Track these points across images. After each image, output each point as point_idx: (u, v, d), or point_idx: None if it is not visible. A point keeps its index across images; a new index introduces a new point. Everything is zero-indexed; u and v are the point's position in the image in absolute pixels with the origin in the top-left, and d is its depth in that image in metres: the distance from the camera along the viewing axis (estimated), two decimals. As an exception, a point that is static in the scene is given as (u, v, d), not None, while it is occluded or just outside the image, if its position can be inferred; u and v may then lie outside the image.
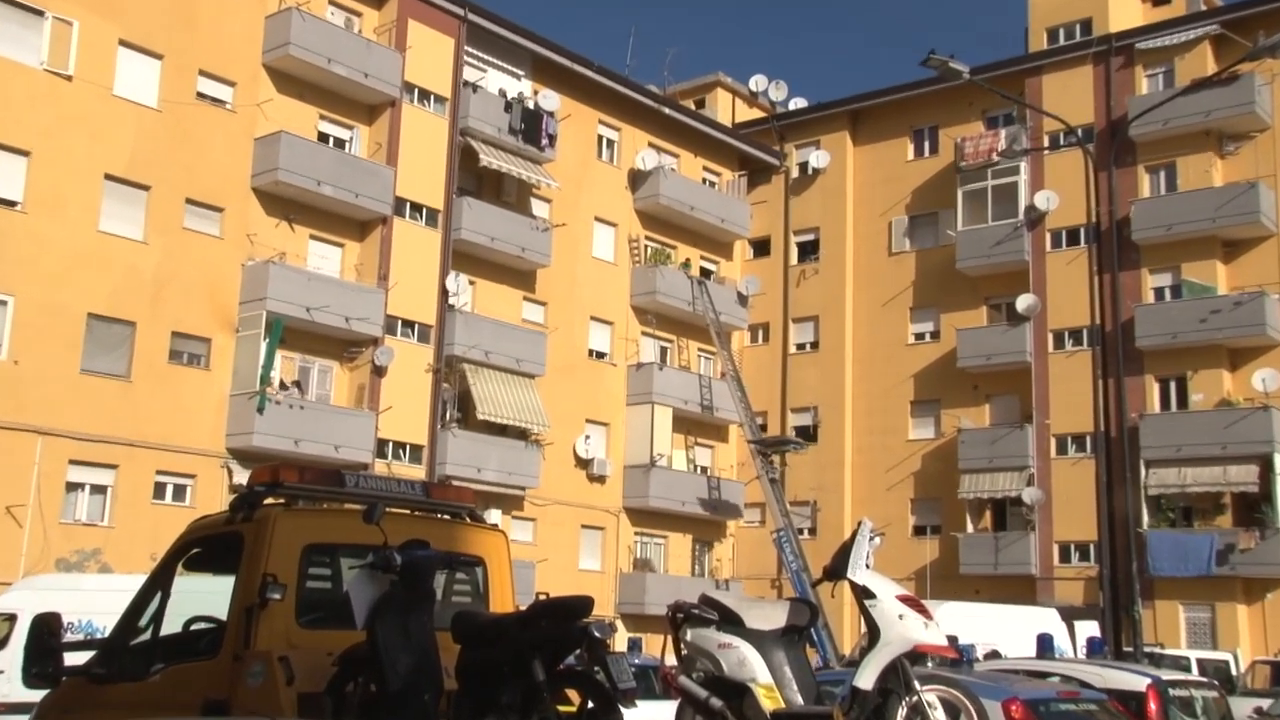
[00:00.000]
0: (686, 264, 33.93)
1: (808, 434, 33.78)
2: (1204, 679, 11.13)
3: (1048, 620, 20.46)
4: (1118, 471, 24.77)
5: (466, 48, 27.98)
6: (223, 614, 5.99)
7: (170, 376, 22.66)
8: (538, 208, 30.32)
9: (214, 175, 23.64)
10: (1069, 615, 22.56)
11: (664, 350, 33.27)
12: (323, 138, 26.13)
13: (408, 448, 26.27)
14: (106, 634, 7.00)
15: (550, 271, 29.88)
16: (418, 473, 25.42)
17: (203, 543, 6.40)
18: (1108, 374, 17.41)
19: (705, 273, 34.89)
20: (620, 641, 22.46)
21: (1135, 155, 29.25)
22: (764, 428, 32.72)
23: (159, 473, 22.19)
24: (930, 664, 8.74)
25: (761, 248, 36.54)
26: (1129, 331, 28.26)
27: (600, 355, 31.63)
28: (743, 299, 34.67)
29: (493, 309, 28.53)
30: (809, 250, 35.42)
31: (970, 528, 30.36)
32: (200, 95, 23.70)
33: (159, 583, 6.46)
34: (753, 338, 35.99)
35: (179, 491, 22.34)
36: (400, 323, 26.57)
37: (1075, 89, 30.05)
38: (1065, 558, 28.52)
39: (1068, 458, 29.03)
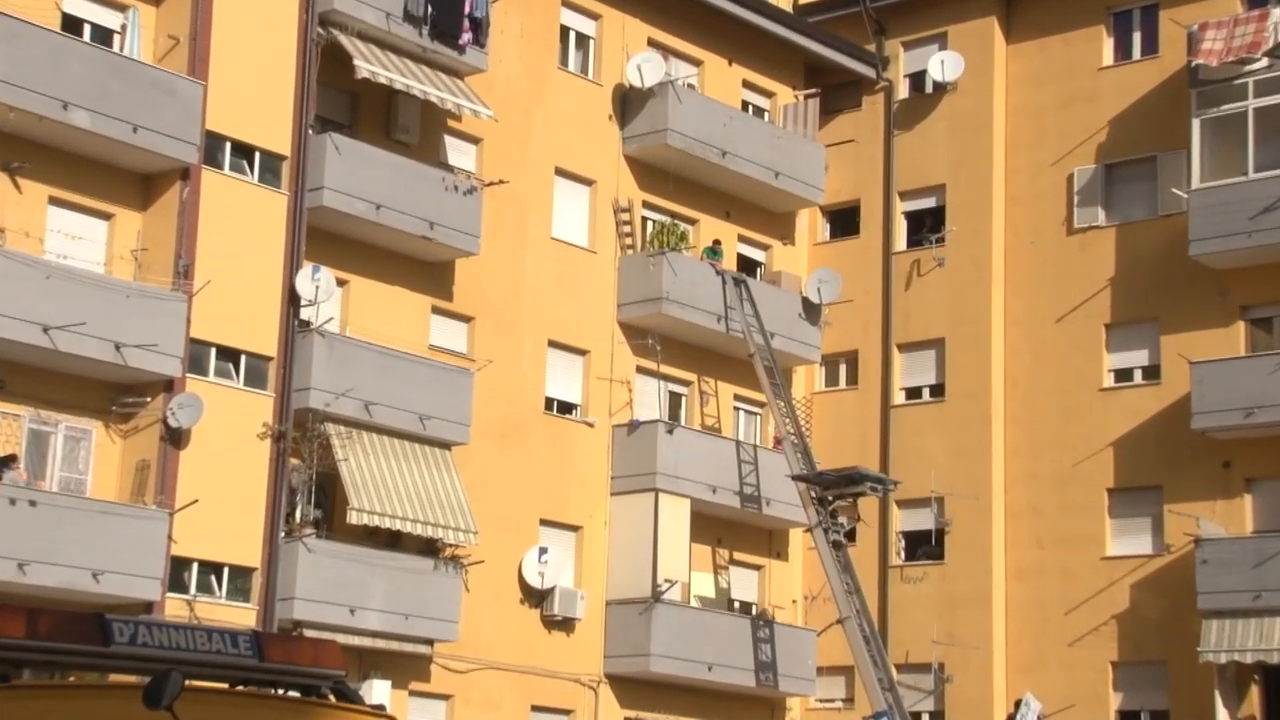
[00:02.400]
0: (715, 250, 33.53)
1: (930, 543, 33.30)
2: None
3: None
4: None
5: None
6: None
7: None
8: (457, 154, 29.72)
9: None
10: None
11: (676, 400, 32.91)
12: (72, 25, 25.50)
13: (226, 571, 25.74)
14: None
15: (480, 264, 29.17)
16: (245, 617, 24.66)
17: None
18: None
19: (748, 266, 34.98)
20: None
21: None
22: (849, 535, 32.20)
23: None
24: None
25: (845, 221, 36.22)
26: None
27: (566, 409, 31.14)
28: (812, 310, 34.26)
29: (379, 329, 27.82)
30: (927, 224, 35.00)
31: (1224, 717, 28.89)
32: None
33: None
34: (830, 376, 35.69)
35: None
36: (215, 351, 25.94)
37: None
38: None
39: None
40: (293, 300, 26.50)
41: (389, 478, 26.71)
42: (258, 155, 26.76)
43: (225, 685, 6.73)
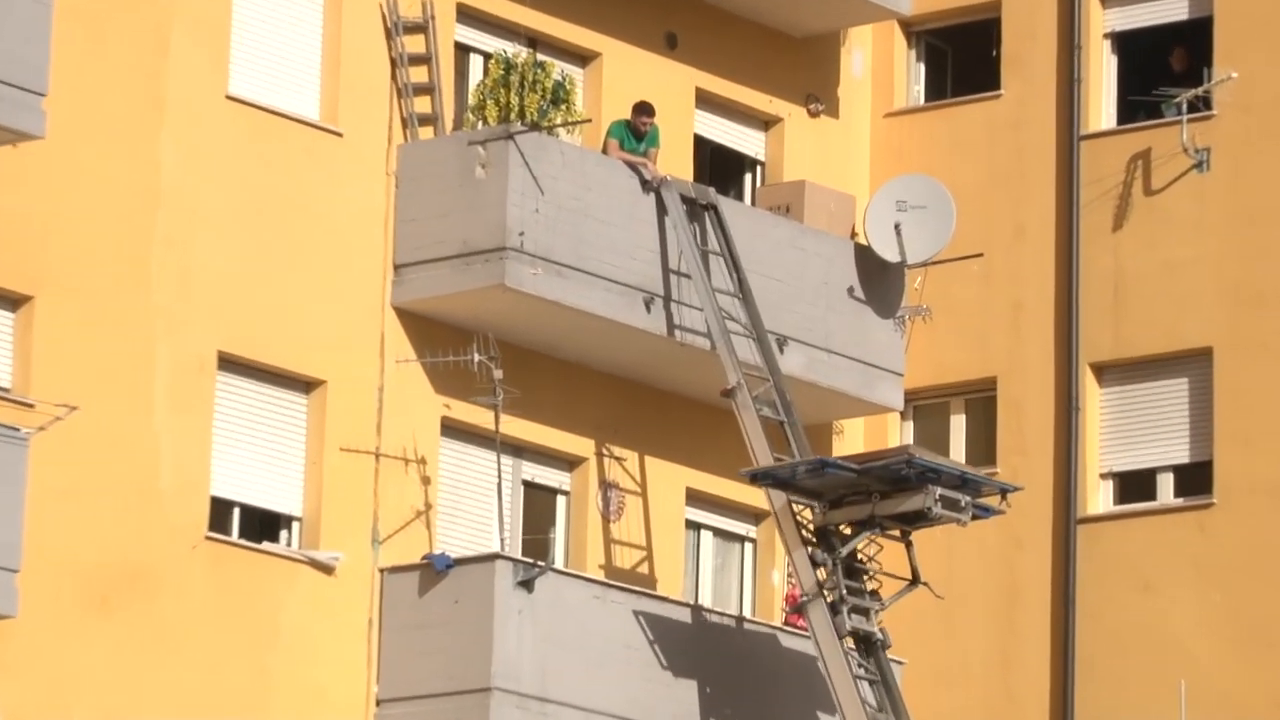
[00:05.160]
0: (638, 130, 23.22)
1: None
2: None
3: None
4: None
5: None
6: None
7: None
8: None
9: None
10: None
11: (543, 500, 23.54)
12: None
13: None
14: None
15: (47, 165, 19.86)
16: None
17: None
18: None
19: (727, 169, 25.88)
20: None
21: None
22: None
23: None
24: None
25: (967, 59, 27.24)
26: None
27: (269, 526, 21.37)
28: (882, 277, 24.74)
29: None
30: (1179, 65, 25.59)
31: None
32: None
33: None
34: (923, 430, 26.72)
35: None
36: None
37: None
38: None
39: None
40: None
41: None
42: None
43: None
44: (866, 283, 23.58)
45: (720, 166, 24.48)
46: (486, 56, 22.17)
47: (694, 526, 23.20)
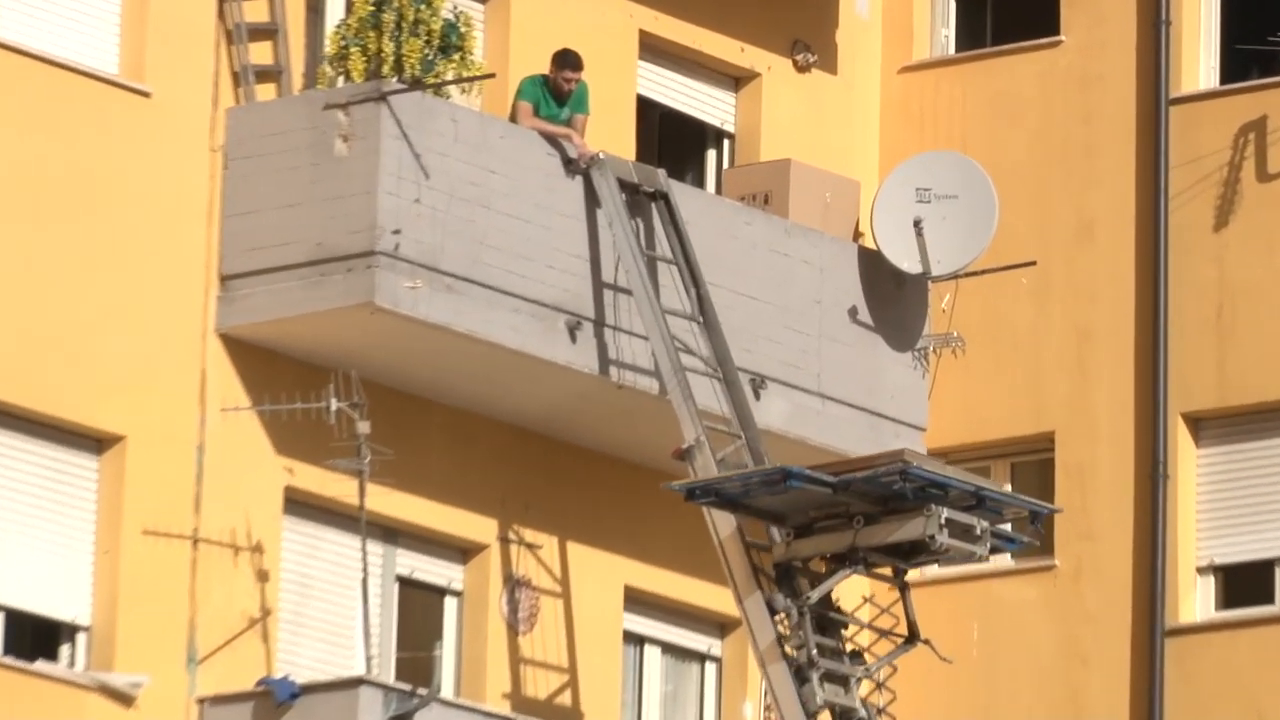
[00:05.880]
0: (558, 90, 23.21)
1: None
2: None
3: None
4: None
5: None
6: None
7: None
8: None
9: None
10: None
11: (428, 604, 23.79)
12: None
13: None
14: None
15: None
16: None
17: None
18: None
19: (686, 145, 26.60)
20: None
21: None
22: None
23: None
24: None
25: None
26: None
27: (45, 640, 21.66)
28: (899, 297, 25.34)
29: None
30: None
31: None
32: None
33: None
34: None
35: None
36: None
37: None
38: None
39: None
40: None
41: None
42: None
43: None
44: (875, 302, 23.34)
45: (674, 140, 24.55)
46: (351, -16, 22.04)
47: (635, 640, 22.81)
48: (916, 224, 23.09)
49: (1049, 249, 24.75)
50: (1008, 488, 23.99)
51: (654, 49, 23.86)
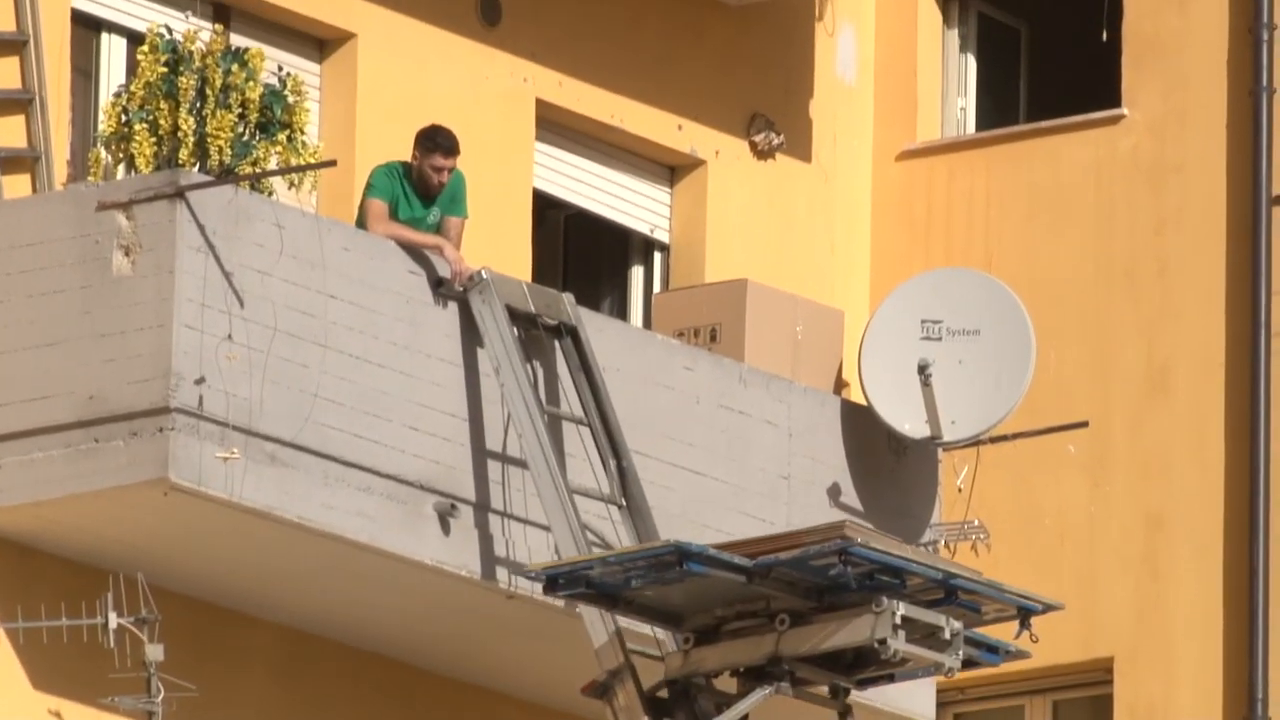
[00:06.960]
0: (441, 177, 24.59)
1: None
2: None
3: None
4: None
5: None
6: None
7: None
8: None
9: None
10: None
11: None
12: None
13: None
14: None
15: None
16: None
17: None
18: None
19: (597, 272, 29.86)
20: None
21: None
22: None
23: None
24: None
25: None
26: None
27: None
28: (902, 475, 26.61)
29: None
30: None
31: None
32: None
33: None
34: None
35: None
36: None
37: None
38: None
39: None
40: None
41: None
42: None
43: None
44: (865, 478, 24.51)
45: (586, 252, 26.51)
46: (135, 38, 22.71)
47: None
48: (922, 369, 23.94)
49: (1109, 402, 26.23)
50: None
51: (557, 126, 25.04)
